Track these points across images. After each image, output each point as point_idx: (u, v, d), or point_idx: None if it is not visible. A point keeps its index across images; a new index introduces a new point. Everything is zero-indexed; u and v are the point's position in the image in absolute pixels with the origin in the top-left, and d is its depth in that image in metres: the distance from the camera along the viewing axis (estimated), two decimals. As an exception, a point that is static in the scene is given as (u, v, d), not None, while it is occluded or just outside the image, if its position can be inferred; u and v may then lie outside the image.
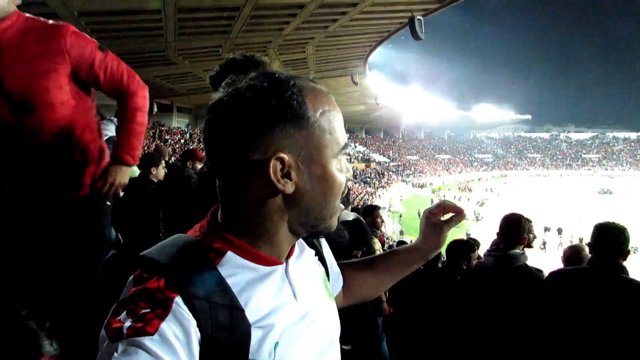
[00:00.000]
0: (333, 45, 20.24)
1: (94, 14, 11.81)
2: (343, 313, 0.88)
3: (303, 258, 0.80)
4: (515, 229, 2.69)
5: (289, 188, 0.65)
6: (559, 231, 31.25)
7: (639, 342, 2.06)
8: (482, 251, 5.06)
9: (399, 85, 51.94)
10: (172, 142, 27.69)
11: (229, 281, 0.63)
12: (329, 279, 0.88)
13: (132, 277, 0.62)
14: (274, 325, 0.64)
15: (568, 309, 2.29)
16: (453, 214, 0.98)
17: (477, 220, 36.82)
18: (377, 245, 4.15)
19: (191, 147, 26.45)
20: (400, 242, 8.08)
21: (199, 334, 0.57)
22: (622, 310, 2.10)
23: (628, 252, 2.18)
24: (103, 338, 0.55)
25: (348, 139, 0.73)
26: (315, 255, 0.86)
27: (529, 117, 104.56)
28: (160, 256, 0.62)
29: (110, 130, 3.67)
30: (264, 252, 0.69)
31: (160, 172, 4.05)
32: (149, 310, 0.55)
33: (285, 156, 0.64)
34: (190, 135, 32.65)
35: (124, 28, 13.63)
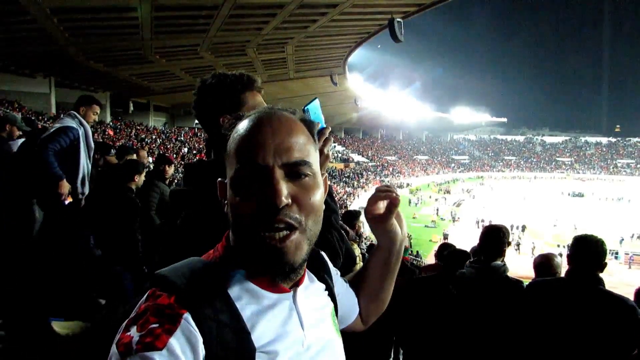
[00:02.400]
0: (313, 45, 20.25)
1: (67, 11, 11.44)
2: None
3: (312, 289, 0.79)
4: (496, 241, 2.68)
5: None
6: (523, 228, 32.60)
7: (612, 351, 2.10)
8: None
9: (379, 87, 52.40)
10: (149, 142, 27.07)
11: (238, 304, 0.64)
12: (337, 315, 0.87)
13: (145, 294, 0.62)
14: (278, 353, 0.64)
15: (547, 319, 2.31)
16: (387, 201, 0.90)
17: (454, 221, 37.47)
18: (357, 251, 4.09)
19: (166, 149, 25.97)
20: (371, 246, 8.08)
21: (204, 352, 0.57)
22: (597, 321, 2.14)
23: (605, 265, 2.21)
24: (113, 353, 0.55)
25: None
26: (326, 290, 0.84)
27: (504, 120, 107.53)
28: (174, 275, 0.63)
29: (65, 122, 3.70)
30: (271, 277, 0.69)
31: (141, 180, 3.93)
32: (157, 325, 0.56)
33: None
34: (167, 134, 32.05)
35: (98, 25, 13.29)
